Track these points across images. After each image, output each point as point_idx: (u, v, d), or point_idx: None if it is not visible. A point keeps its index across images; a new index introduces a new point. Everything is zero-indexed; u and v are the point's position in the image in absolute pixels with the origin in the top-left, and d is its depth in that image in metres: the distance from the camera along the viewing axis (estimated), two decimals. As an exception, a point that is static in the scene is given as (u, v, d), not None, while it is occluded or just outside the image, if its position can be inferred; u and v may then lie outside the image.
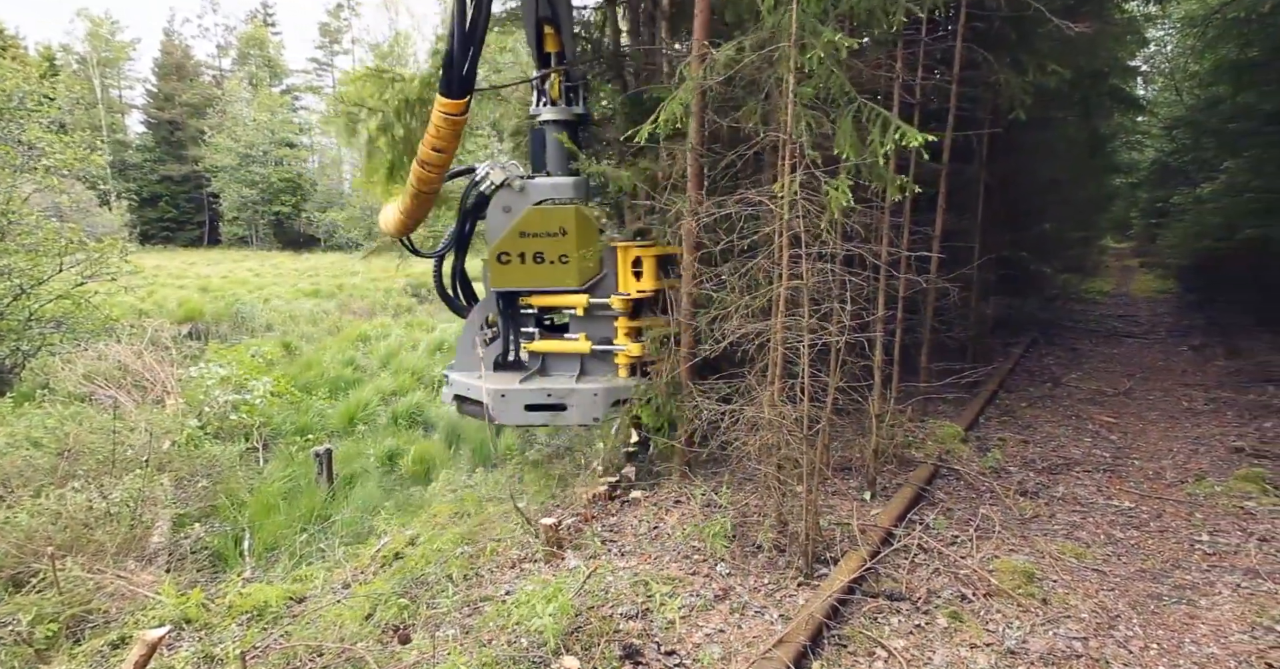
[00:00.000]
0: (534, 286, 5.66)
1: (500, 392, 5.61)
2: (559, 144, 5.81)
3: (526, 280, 5.61)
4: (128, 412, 7.42)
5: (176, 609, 3.76)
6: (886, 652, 3.22)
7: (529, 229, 5.48)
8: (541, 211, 5.49)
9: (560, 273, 5.52)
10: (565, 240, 5.46)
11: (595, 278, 5.61)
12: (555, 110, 5.83)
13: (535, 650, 3.24)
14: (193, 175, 44.21)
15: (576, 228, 5.45)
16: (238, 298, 18.48)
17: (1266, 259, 10.50)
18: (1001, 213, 8.85)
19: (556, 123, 5.86)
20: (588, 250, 5.50)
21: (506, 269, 5.58)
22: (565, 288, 5.58)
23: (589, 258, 5.52)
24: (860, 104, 3.77)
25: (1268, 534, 4.49)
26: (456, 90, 4.89)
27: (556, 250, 5.48)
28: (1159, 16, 14.50)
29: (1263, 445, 6.20)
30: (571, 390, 5.58)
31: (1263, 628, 3.43)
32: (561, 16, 5.69)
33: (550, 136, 5.88)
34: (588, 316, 5.66)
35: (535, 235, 5.49)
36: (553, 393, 5.60)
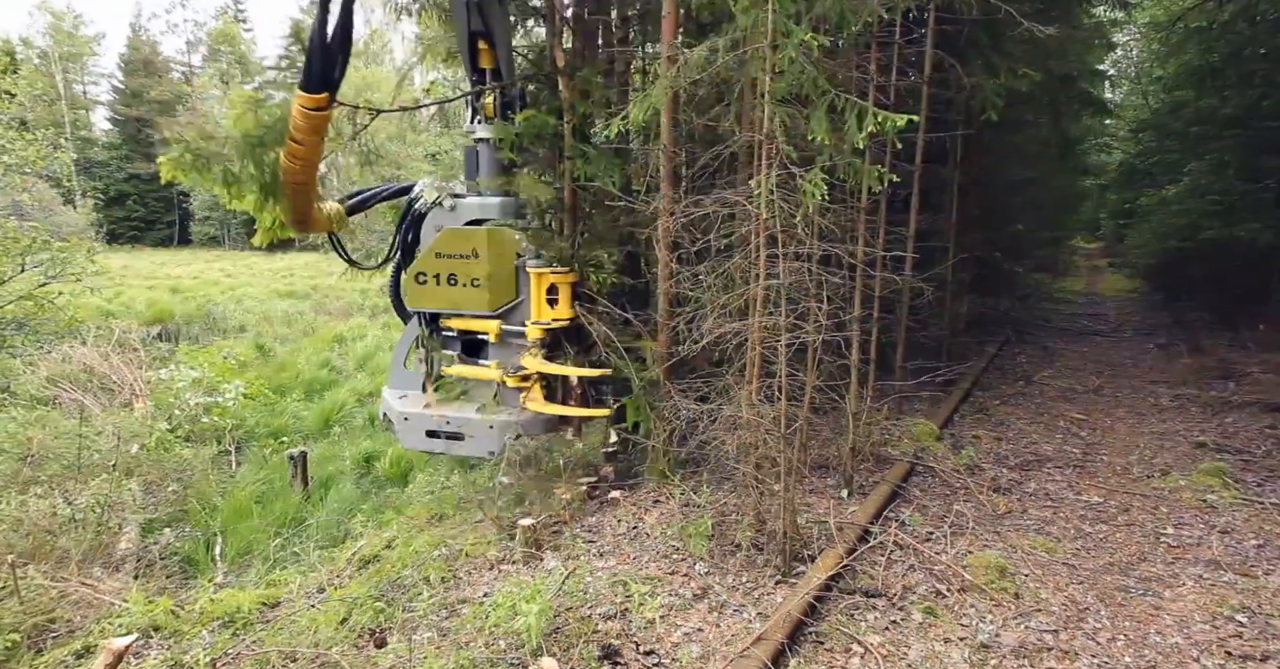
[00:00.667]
0: (448, 308, 5.52)
1: (404, 414, 5.55)
2: (491, 162, 5.67)
3: (441, 302, 5.48)
4: (94, 415, 7.24)
5: (144, 617, 3.68)
6: (863, 648, 3.25)
7: (443, 250, 5.36)
8: (455, 232, 5.36)
9: (473, 296, 5.37)
10: (477, 263, 5.30)
11: (509, 303, 5.45)
12: (489, 127, 5.62)
13: (514, 652, 3.23)
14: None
15: (489, 250, 5.28)
16: (209, 299, 18.13)
17: (1227, 259, 10.83)
18: (975, 213, 8.99)
19: (489, 141, 5.66)
20: (501, 274, 5.35)
21: (423, 290, 5.47)
22: (477, 312, 5.44)
23: (502, 282, 5.38)
24: (835, 95, 3.78)
25: (1228, 526, 4.63)
26: (315, 85, 4.68)
27: (469, 273, 5.34)
28: (1125, 21, 14.86)
29: (1224, 440, 6.39)
30: (467, 420, 5.43)
31: (1223, 618, 3.53)
32: (496, 32, 5.45)
33: (484, 154, 5.72)
34: (502, 343, 5.52)
35: (449, 256, 5.35)
36: (451, 421, 5.46)
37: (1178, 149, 13.07)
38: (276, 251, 38.86)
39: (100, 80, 50.23)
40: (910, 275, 6.56)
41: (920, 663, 3.16)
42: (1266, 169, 10.11)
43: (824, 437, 5.87)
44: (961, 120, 7.45)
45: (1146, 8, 14.54)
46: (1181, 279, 13.42)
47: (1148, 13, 14.79)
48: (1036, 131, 10.41)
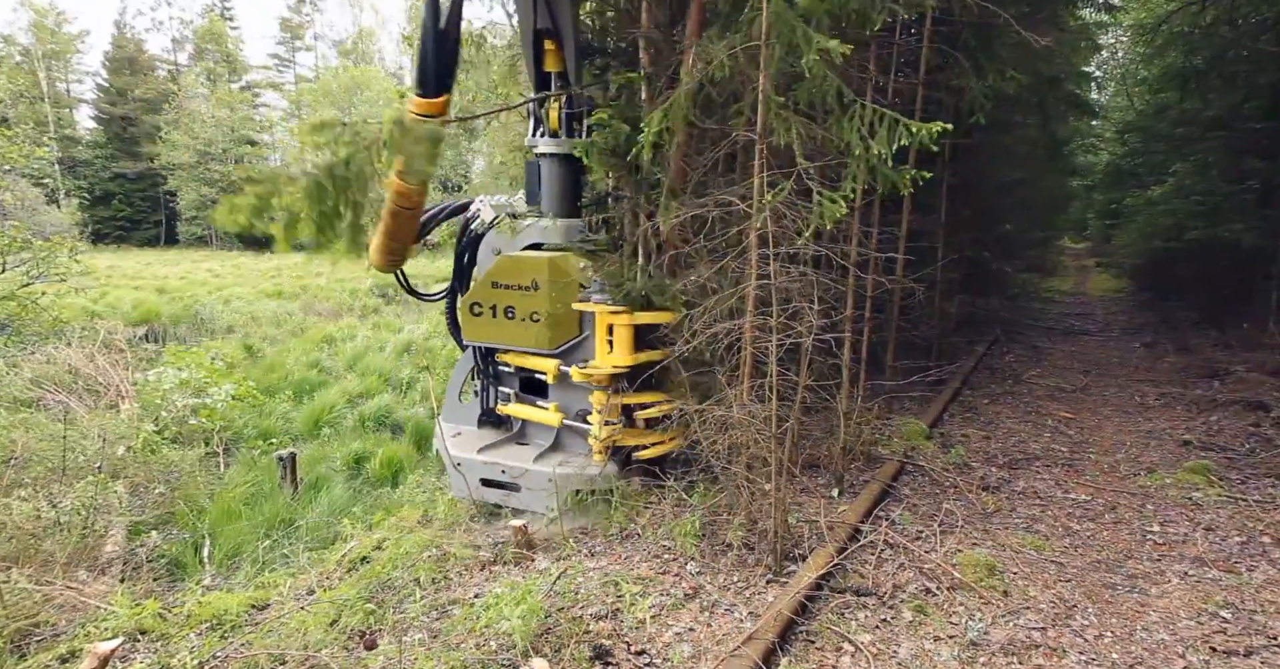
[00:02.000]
0: (505, 344, 5.03)
1: (458, 460, 5.01)
2: (556, 180, 5.19)
3: (498, 336, 4.99)
4: (79, 417, 7.16)
5: (131, 620, 3.64)
6: (853, 646, 3.27)
7: (500, 279, 4.86)
8: (513, 260, 4.85)
9: (531, 332, 4.83)
10: (537, 296, 4.75)
11: (572, 340, 4.90)
12: (553, 142, 5.14)
13: (504, 653, 3.22)
14: (148, 173, 42.76)
15: (550, 282, 4.72)
16: (197, 299, 17.96)
17: (1213, 259, 10.96)
18: (964, 214, 9.06)
19: (554, 156, 5.18)
20: (563, 309, 4.78)
21: (478, 322, 4.99)
22: (536, 350, 4.92)
23: (565, 317, 4.82)
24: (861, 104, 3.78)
25: (1213, 524, 4.68)
26: (434, 87, 4.34)
27: (528, 306, 4.80)
28: (1111, 24, 15.01)
29: (1209, 438, 6.46)
30: (525, 471, 4.84)
31: (1208, 614, 3.58)
32: (563, 30, 4.93)
33: (547, 171, 5.21)
34: (562, 384, 4.96)
35: (506, 287, 4.85)
36: (507, 470, 4.89)
37: (1163, 150, 13.23)
38: (264, 252, 38.61)
39: (84, 78, 49.62)
40: (901, 276, 6.61)
41: (910, 661, 3.17)
42: (1249, 170, 10.25)
43: (815, 436, 5.89)
44: (951, 121, 7.50)
45: (1131, 10, 14.70)
46: (1168, 279, 13.58)
47: (1132, 15, 14.96)
48: (1025, 133, 10.50)
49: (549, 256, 4.79)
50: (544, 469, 4.79)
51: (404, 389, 10.44)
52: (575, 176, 5.32)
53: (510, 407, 5.27)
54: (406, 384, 10.61)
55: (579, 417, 4.96)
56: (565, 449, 5.10)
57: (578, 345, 4.91)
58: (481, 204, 5.18)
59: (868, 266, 5.87)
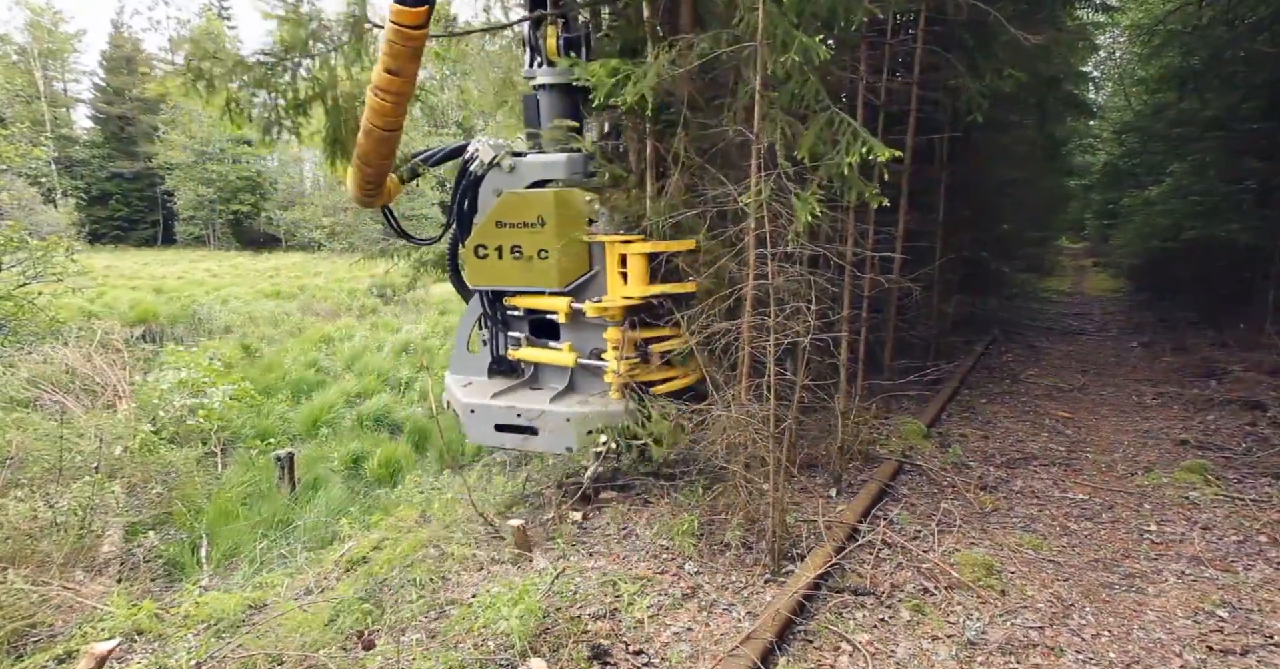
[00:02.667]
0: (513, 285, 4.93)
1: (470, 407, 4.90)
2: (555, 111, 4.94)
3: (505, 278, 4.87)
4: (76, 417, 7.14)
5: (128, 620, 3.63)
6: (851, 646, 3.27)
7: (505, 218, 4.71)
8: (518, 196, 4.70)
9: (540, 270, 4.70)
10: (544, 232, 4.61)
11: (582, 277, 4.78)
12: (551, 71, 4.87)
13: (502, 653, 3.21)
14: (145, 172, 42.69)
15: (557, 217, 4.59)
16: (194, 299, 17.93)
17: (1210, 259, 10.97)
18: (962, 213, 9.06)
19: (553, 87, 4.94)
20: (572, 244, 4.67)
21: (483, 265, 4.86)
22: (546, 288, 4.80)
23: (574, 253, 4.69)
24: (833, 113, 3.80)
25: (1209, 523, 4.69)
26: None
27: (535, 244, 4.67)
28: (1108, 24, 15.03)
29: (1205, 438, 6.47)
30: (541, 412, 4.74)
31: (1205, 613, 3.58)
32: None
33: (546, 103, 4.97)
34: (575, 323, 4.88)
35: (512, 225, 4.69)
36: (523, 413, 4.78)
37: (1160, 150, 13.24)
38: (263, 251, 38.57)
39: (81, 78, 49.54)
40: (899, 275, 6.61)
41: (908, 660, 3.18)
42: (1246, 170, 10.26)
43: (813, 436, 5.89)
44: (949, 121, 7.51)
45: (1129, 10, 14.73)
46: (1165, 278, 13.59)
47: (1130, 15, 14.98)
48: (1023, 133, 10.52)
49: (554, 191, 4.66)
50: (561, 409, 4.70)
51: (402, 389, 10.44)
52: (576, 108, 5.07)
53: (522, 351, 5.12)
54: (405, 384, 10.61)
55: (594, 355, 4.85)
56: (581, 390, 5.02)
57: (589, 281, 4.78)
58: (480, 145, 4.91)
59: (864, 266, 5.88)
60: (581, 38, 4.84)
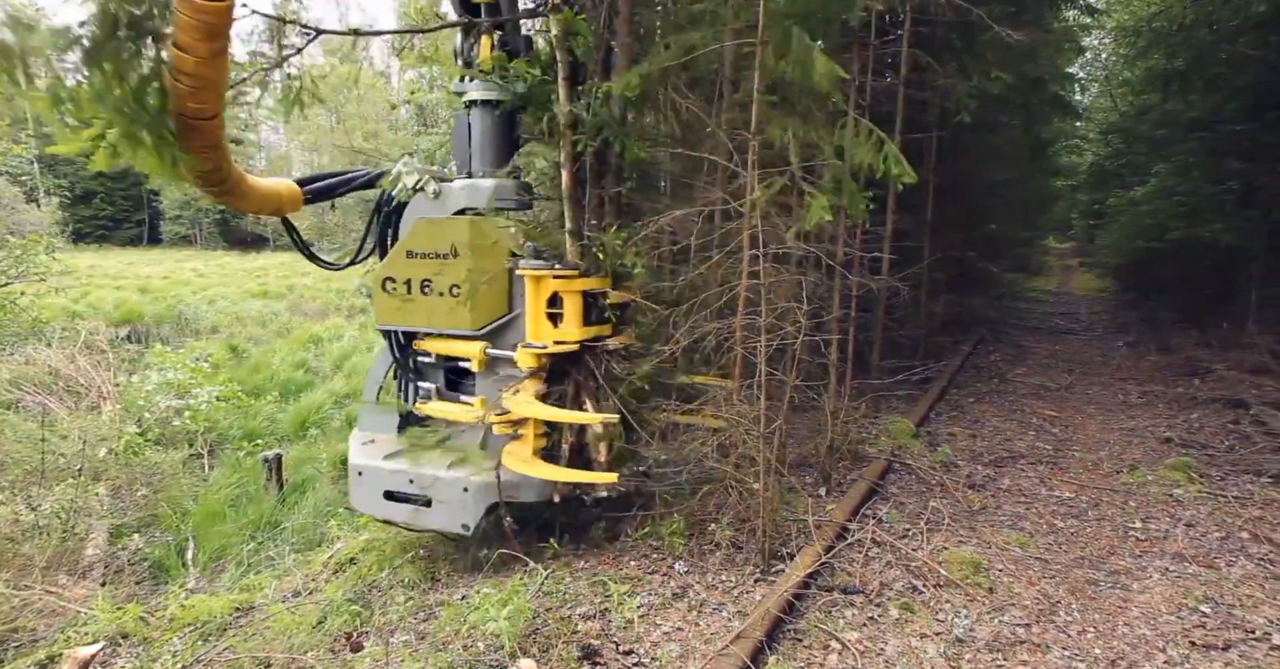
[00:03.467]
0: (421, 325, 4.24)
1: (358, 468, 4.22)
2: (486, 133, 4.43)
3: (412, 317, 4.21)
4: (60, 419, 7.05)
5: (112, 624, 3.59)
6: (840, 644, 3.28)
7: (416, 247, 4.14)
8: (429, 224, 4.14)
9: (450, 309, 4.09)
10: (456, 264, 4.04)
11: (500, 319, 4.20)
12: (482, 86, 4.37)
13: (492, 654, 3.20)
14: (130, 171, 42.17)
15: (471, 246, 4.02)
16: (180, 299, 17.76)
17: (1195, 259, 11.10)
18: (949, 214, 9.13)
19: (485, 103, 4.41)
20: (486, 279, 4.09)
21: (390, 301, 4.21)
22: (457, 330, 4.16)
23: (489, 289, 4.11)
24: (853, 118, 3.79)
25: (1193, 520, 4.75)
26: None
27: (446, 278, 4.08)
28: (1094, 26, 15.18)
29: (1189, 436, 6.55)
30: (435, 479, 4.02)
31: (1188, 609, 3.63)
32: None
33: (477, 122, 4.44)
34: (489, 372, 4.25)
35: (423, 256, 4.11)
36: (414, 479, 4.06)
37: (1145, 151, 13.39)
38: (250, 251, 38.26)
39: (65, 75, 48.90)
40: (887, 275, 6.65)
41: (897, 658, 3.19)
42: (1229, 171, 10.39)
43: (802, 435, 5.92)
44: (936, 122, 7.57)
45: (1115, 12, 14.88)
46: (1150, 278, 13.74)
47: (1116, 17, 15.13)
48: (1010, 133, 10.60)
49: (469, 218, 4.14)
50: (458, 475, 3.98)
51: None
52: (509, 128, 4.55)
53: (430, 405, 4.41)
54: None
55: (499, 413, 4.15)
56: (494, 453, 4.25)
57: (507, 325, 4.21)
58: (404, 167, 4.33)
59: (853, 266, 5.91)
60: (520, 49, 4.39)
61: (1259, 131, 9.39)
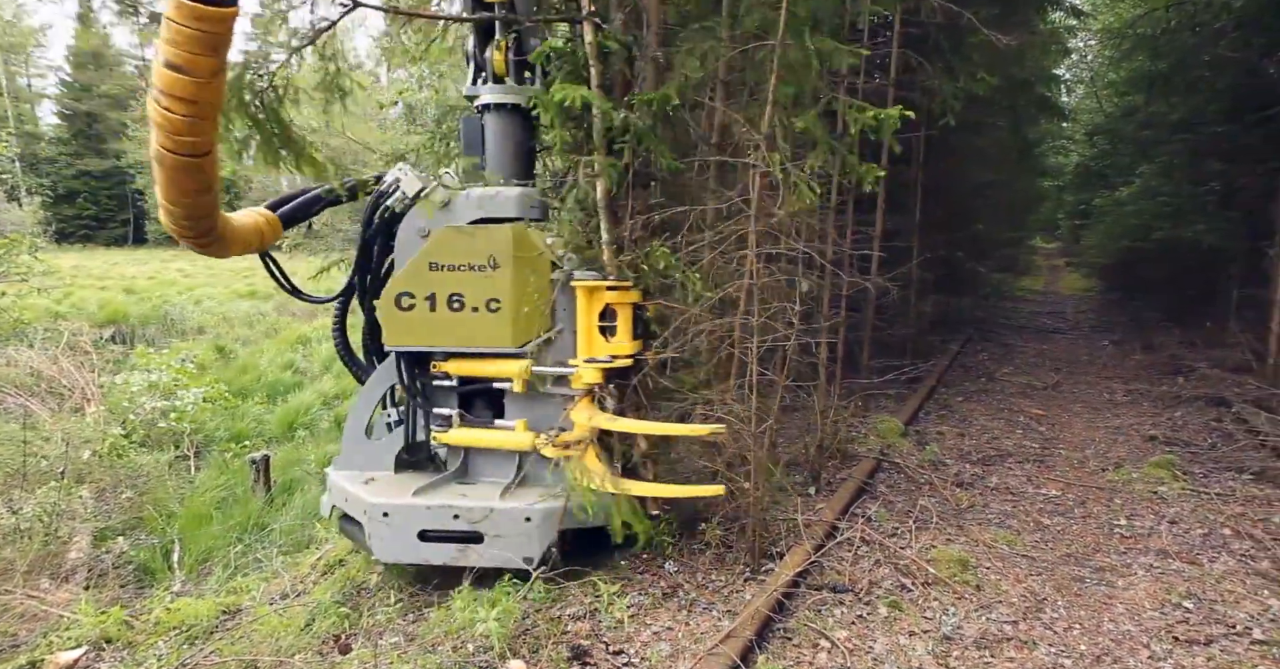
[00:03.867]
0: (449, 345, 3.86)
1: (382, 508, 3.71)
2: (504, 138, 4.14)
3: (439, 336, 3.82)
4: (42, 420, 6.96)
5: (95, 628, 3.55)
6: (830, 642, 3.30)
7: (442, 258, 3.76)
8: (460, 233, 3.77)
9: (488, 326, 3.75)
10: (497, 277, 3.71)
11: (543, 335, 3.87)
12: (500, 89, 4.10)
13: (481, 655, 3.19)
14: (115, 171, 41.74)
15: (515, 258, 3.71)
16: (166, 299, 17.57)
17: (1177, 259, 11.25)
18: (938, 214, 9.20)
19: (501, 108, 4.14)
20: (531, 293, 3.80)
21: (408, 319, 3.80)
22: (496, 349, 3.81)
23: (533, 304, 3.81)
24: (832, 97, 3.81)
25: (1176, 517, 4.81)
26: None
27: (483, 292, 3.74)
28: (1080, 28, 15.34)
29: (1173, 434, 6.64)
30: (490, 511, 3.67)
31: (1171, 605, 3.67)
32: None
33: (493, 126, 4.16)
34: (530, 393, 3.90)
35: (452, 269, 3.75)
36: (462, 513, 3.67)
37: (1129, 152, 13.56)
38: (237, 251, 37.83)
39: (47, 73, 48.32)
40: (876, 275, 6.69)
41: (885, 656, 3.21)
42: (1211, 172, 10.54)
43: (791, 434, 5.94)
44: (924, 122, 7.62)
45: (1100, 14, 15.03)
46: (1135, 278, 13.92)
47: (1101, 19, 15.30)
48: (997, 134, 10.70)
49: (513, 227, 3.80)
50: (517, 505, 3.69)
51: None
52: (528, 132, 4.27)
53: (453, 433, 3.97)
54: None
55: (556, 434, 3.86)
56: (535, 481, 3.99)
57: (546, 342, 3.92)
58: (402, 174, 3.90)
59: (843, 265, 5.94)
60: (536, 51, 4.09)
61: (1239, 133, 9.53)
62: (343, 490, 4.00)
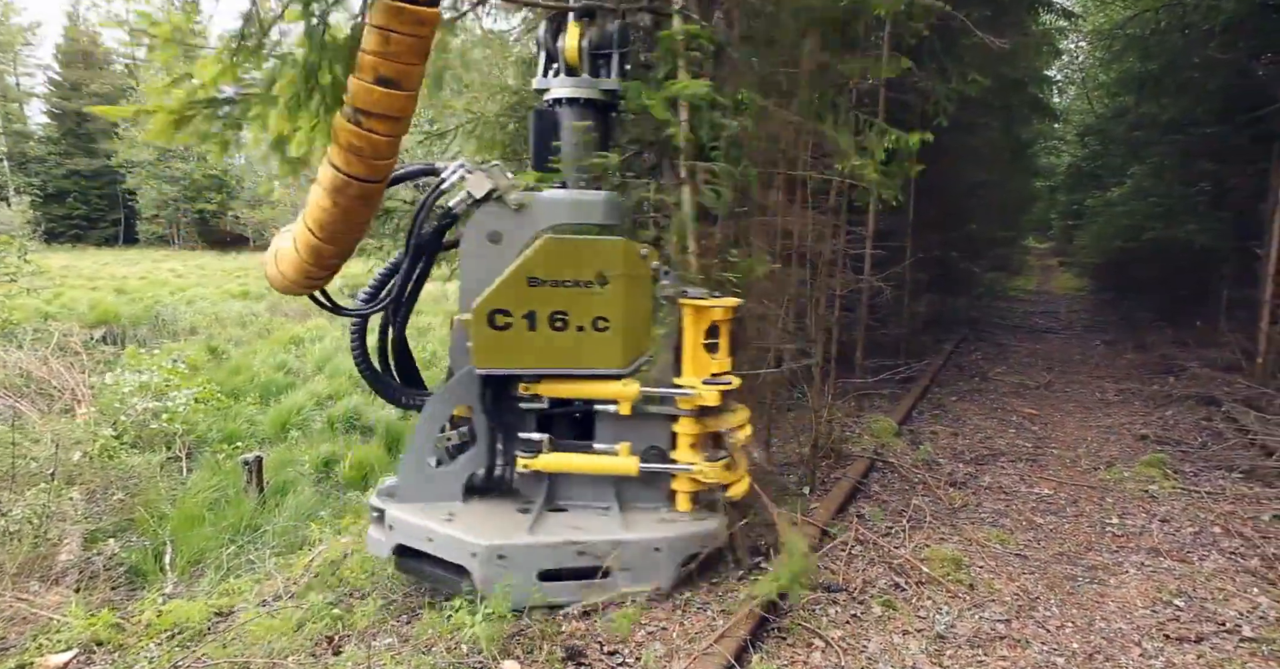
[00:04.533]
0: (550, 367, 3.56)
1: (495, 551, 3.38)
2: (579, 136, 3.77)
3: (537, 357, 3.52)
4: (32, 422, 6.91)
5: (85, 631, 3.52)
6: (824, 642, 3.30)
7: (546, 273, 3.44)
8: (566, 245, 3.47)
9: (596, 346, 3.50)
10: (605, 294, 3.47)
11: (647, 355, 3.70)
12: (583, 83, 3.77)
13: (475, 655, 3.18)
14: (105, 170, 41.46)
15: (626, 275, 3.48)
16: (158, 300, 17.46)
17: (1168, 259, 11.33)
18: (931, 214, 9.23)
19: (577, 103, 3.79)
20: (639, 311, 3.59)
21: (503, 339, 3.46)
22: (603, 369, 3.56)
23: (640, 322, 3.60)
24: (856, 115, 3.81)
25: (1167, 515, 4.84)
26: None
27: (590, 310, 3.48)
28: (1071, 29, 15.43)
29: (1164, 432, 6.68)
30: (617, 544, 3.45)
31: (1162, 603, 3.70)
32: None
33: (570, 123, 3.79)
34: (630, 415, 3.63)
35: (556, 284, 3.45)
36: (586, 549, 3.43)
37: (1121, 153, 13.65)
38: (230, 251, 37.74)
39: (36, 72, 47.95)
40: (870, 275, 6.71)
41: (879, 655, 3.22)
42: (1201, 172, 10.61)
43: (786, 434, 5.95)
44: (917, 123, 7.64)
45: (1091, 16, 15.12)
46: (1127, 278, 14.01)
47: (1091, 20, 15.39)
48: (990, 135, 10.75)
49: (623, 240, 3.57)
50: (648, 536, 3.51)
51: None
52: (605, 133, 3.94)
53: (545, 458, 3.64)
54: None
55: (652, 456, 3.69)
56: (633, 505, 3.77)
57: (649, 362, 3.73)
58: (466, 172, 3.58)
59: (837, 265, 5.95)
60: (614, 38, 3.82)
61: (1230, 134, 9.61)
62: (420, 529, 3.55)
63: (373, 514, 3.84)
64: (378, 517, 3.79)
